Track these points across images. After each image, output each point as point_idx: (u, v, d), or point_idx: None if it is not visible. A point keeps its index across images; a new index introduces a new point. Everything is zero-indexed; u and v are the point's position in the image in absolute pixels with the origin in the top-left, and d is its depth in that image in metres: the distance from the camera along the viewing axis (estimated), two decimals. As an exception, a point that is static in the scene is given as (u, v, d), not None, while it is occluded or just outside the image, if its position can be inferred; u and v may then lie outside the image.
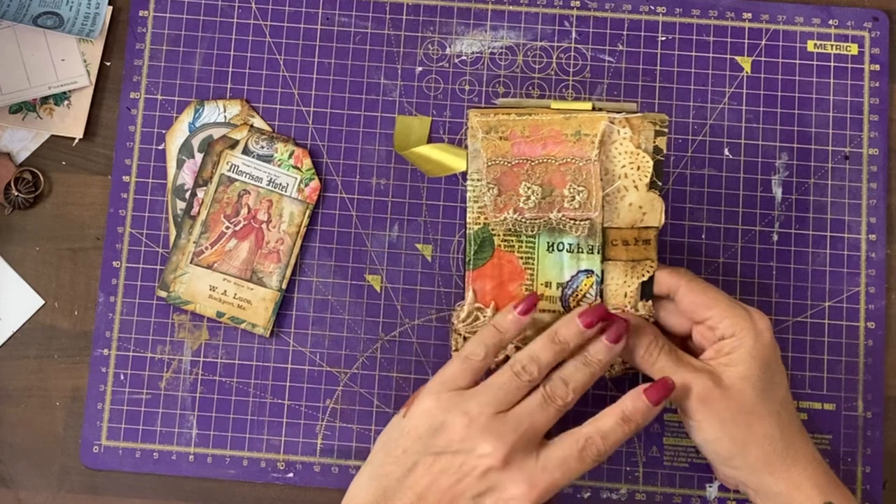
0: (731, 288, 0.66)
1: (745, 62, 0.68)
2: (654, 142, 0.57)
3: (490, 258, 0.57)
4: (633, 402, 0.54)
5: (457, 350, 0.58)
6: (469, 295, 0.58)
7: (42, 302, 0.66)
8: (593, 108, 0.57)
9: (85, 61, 0.68)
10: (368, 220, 0.66)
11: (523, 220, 0.56)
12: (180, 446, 0.65)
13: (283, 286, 0.65)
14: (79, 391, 0.65)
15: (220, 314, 0.65)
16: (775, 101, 0.67)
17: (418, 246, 0.66)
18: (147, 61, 0.68)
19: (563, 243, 0.57)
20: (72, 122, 0.67)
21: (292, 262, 0.66)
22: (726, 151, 0.67)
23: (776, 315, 0.65)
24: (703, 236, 0.66)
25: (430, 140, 0.66)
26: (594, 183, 0.56)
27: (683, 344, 0.59)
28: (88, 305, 0.66)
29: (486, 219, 0.57)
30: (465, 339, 0.58)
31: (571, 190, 0.56)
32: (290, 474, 0.65)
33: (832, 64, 0.68)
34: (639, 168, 0.57)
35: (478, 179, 0.57)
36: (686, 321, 0.58)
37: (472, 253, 0.57)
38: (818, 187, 0.67)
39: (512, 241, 0.57)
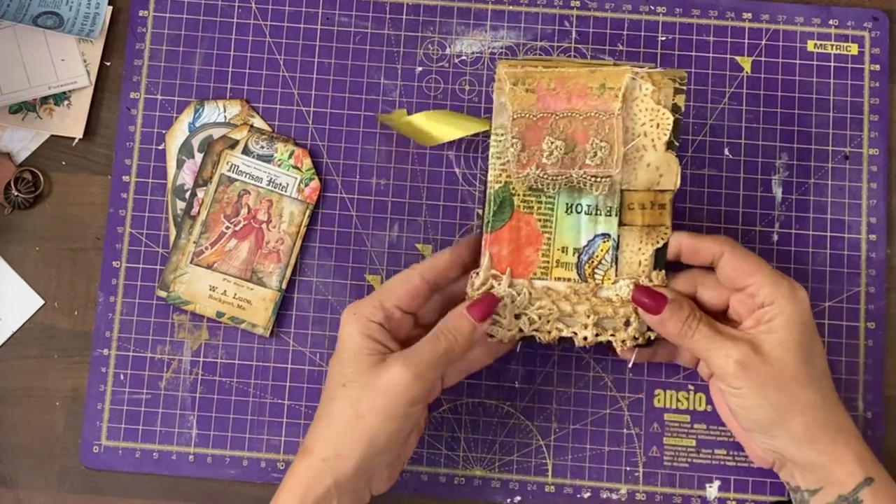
0: (731, 288, 0.65)
1: (745, 62, 0.67)
2: (674, 99, 0.56)
3: (509, 220, 0.57)
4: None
5: None
6: (485, 260, 0.57)
7: (42, 302, 0.66)
8: (615, 65, 0.57)
9: (85, 61, 0.68)
10: (368, 220, 0.66)
11: (545, 176, 0.56)
12: (180, 446, 0.65)
13: (283, 286, 0.65)
14: (79, 391, 0.65)
15: (220, 314, 0.65)
16: (775, 101, 0.67)
17: (418, 246, 0.66)
18: (147, 61, 0.68)
19: (581, 205, 0.57)
20: (72, 122, 0.67)
21: (292, 261, 0.65)
22: (726, 151, 0.67)
23: (776, 315, 0.65)
24: None
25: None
26: (616, 138, 0.56)
27: (718, 320, 0.59)
28: (88, 305, 0.66)
29: (507, 176, 0.56)
30: None
31: (594, 145, 0.56)
32: (287, 473, 0.63)
33: (832, 64, 0.68)
34: (658, 125, 0.56)
35: (502, 134, 0.56)
36: (723, 293, 0.58)
37: (490, 214, 0.57)
38: (818, 187, 0.67)
39: (531, 201, 0.57)
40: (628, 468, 0.64)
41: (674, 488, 0.64)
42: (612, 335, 0.58)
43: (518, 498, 0.64)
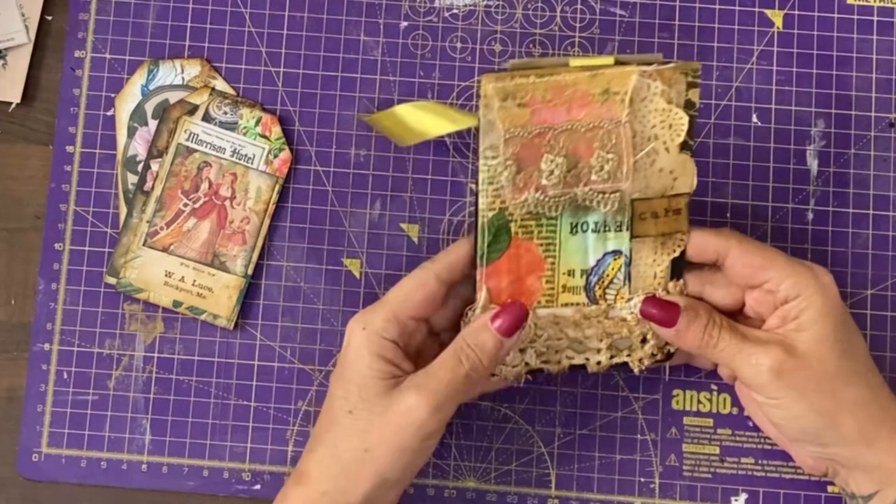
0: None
1: (777, 16, 0.65)
2: (687, 95, 0.53)
3: (506, 249, 0.54)
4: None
5: None
6: (482, 295, 0.54)
7: (-27, 290, 0.65)
8: (616, 63, 0.53)
9: (23, 15, 0.65)
10: (346, 197, 0.64)
11: (546, 199, 0.53)
12: (132, 454, 0.62)
13: (249, 272, 0.63)
14: (16, 391, 0.63)
15: (176, 304, 0.63)
16: (810, 61, 0.64)
17: (403, 226, 0.64)
18: (94, 15, 0.65)
19: (587, 223, 0.54)
20: (8, 85, 0.65)
21: (259, 244, 0.63)
22: (755, 118, 0.64)
23: (811, 304, 0.62)
24: (728, 215, 0.63)
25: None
26: (625, 148, 0.53)
27: (735, 321, 0.56)
28: (27, 294, 0.64)
29: (502, 202, 0.53)
30: None
31: (600, 159, 0.53)
32: (258, 486, 0.62)
33: (875, 18, 0.65)
34: (671, 126, 0.53)
35: (493, 157, 0.53)
36: (736, 291, 0.55)
37: (485, 245, 0.54)
38: (859, 159, 0.64)
39: (531, 225, 0.54)
40: (643, 479, 0.62)
41: (694, 502, 0.62)
42: (627, 355, 0.56)
43: (517, 513, 0.62)
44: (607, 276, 0.55)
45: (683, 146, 0.53)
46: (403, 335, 0.53)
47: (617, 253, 0.54)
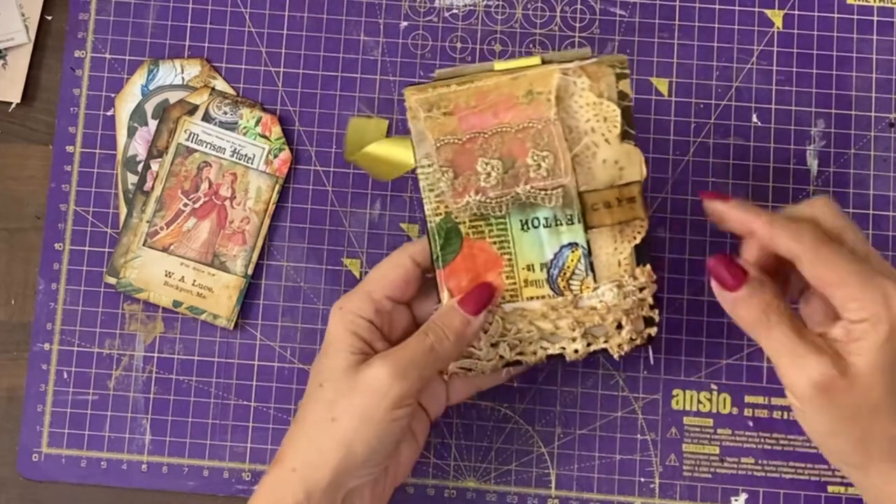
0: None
1: (777, 16, 0.64)
2: (618, 86, 0.54)
3: (460, 250, 0.55)
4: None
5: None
6: (444, 296, 0.55)
7: (-27, 290, 0.64)
8: (542, 63, 0.54)
9: (23, 15, 0.65)
10: (346, 197, 0.63)
11: (487, 200, 0.54)
12: (132, 454, 0.62)
13: (249, 272, 0.63)
14: (16, 391, 0.63)
15: (176, 303, 0.62)
16: (810, 61, 0.64)
17: (403, 226, 0.63)
18: (94, 15, 0.65)
19: (537, 219, 0.55)
20: (8, 85, 0.65)
21: (259, 244, 0.63)
22: (754, 118, 0.64)
23: (811, 304, 0.61)
24: None
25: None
26: (559, 145, 0.53)
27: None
28: (27, 294, 0.64)
29: (446, 207, 0.55)
30: None
31: (535, 157, 0.53)
32: (258, 486, 0.59)
33: (875, 18, 0.64)
34: (605, 119, 0.54)
35: (428, 165, 0.54)
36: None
37: (438, 249, 0.55)
38: (859, 159, 0.63)
39: (480, 225, 0.55)
40: (642, 479, 0.61)
41: (695, 502, 0.61)
42: (605, 342, 0.56)
43: (517, 513, 0.62)
44: (568, 267, 0.55)
45: (625, 136, 0.54)
46: (380, 315, 0.54)
47: (573, 245, 0.55)
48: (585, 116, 0.54)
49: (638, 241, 0.55)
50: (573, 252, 0.55)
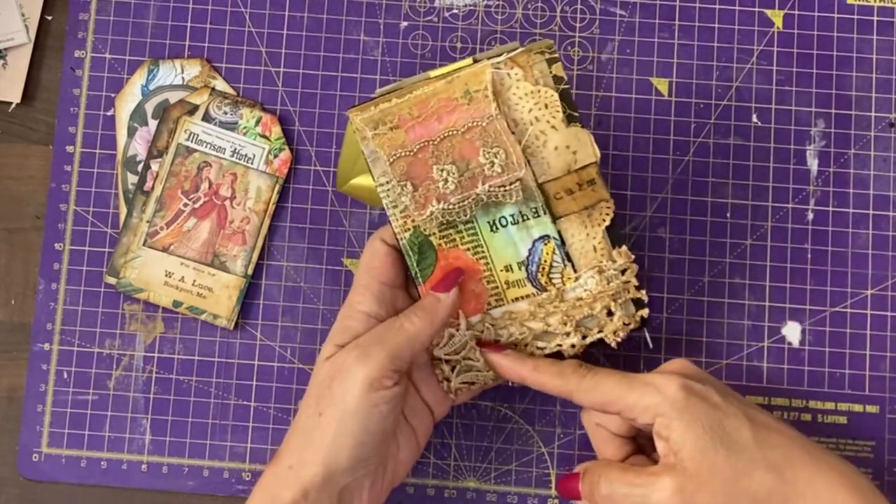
0: (760, 274, 0.62)
1: (777, 16, 0.64)
2: (551, 71, 0.54)
3: (436, 262, 0.55)
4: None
5: (444, 380, 0.56)
6: None
7: (-27, 290, 0.64)
8: (474, 62, 0.54)
9: (23, 15, 0.65)
10: (346, 197, 0.63)
11: (450, 207, 0.54)
12: (132, 454, 0.62)
13: (249, 272, 0.62)
14: (16, 391, 0.63)
15: (176, 303, 0.62)
16: (810, 61, 0.64)
17: None
18: (94, 15, 0.65)
19: (504, 217, 0.55)
20: (8, 85, 0.64)
21: (259, 244, 0.63)
22: (754, 118, 0.63)
23: (811, 305, 0.61)
24: (728, 215, 0.62)
25: None
26: (506, 139, 0.54)
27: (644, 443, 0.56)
28: (27, 294, 0.63)
29: (412, 221, 0.55)
30: (448, 364, 0.56)
31: (486, 155, 0.54)
32: (255, 485, 0.59)
33: (875, 18, 0.64)
34: (547, 106, 0.54)
35: (387, 182, 0.54)
36: (617, 418, 0.54)
37: (415, 265, 0.55)
38: (859, 158, 0.63)
39: (450, 234, 0.55)
40: None
41: None
42: (599, 332, 0.55)
43: (517, 513, 0.61)
44: (545, 261, 0.55)
45: (571, 119, 0.54)
46: (383, 303, 0.54)
47: (545, 238, 0.55)
48: (527, 107, 0.54)
49: (608, 222, 0.55)
50: (546, 245, 0.55)
